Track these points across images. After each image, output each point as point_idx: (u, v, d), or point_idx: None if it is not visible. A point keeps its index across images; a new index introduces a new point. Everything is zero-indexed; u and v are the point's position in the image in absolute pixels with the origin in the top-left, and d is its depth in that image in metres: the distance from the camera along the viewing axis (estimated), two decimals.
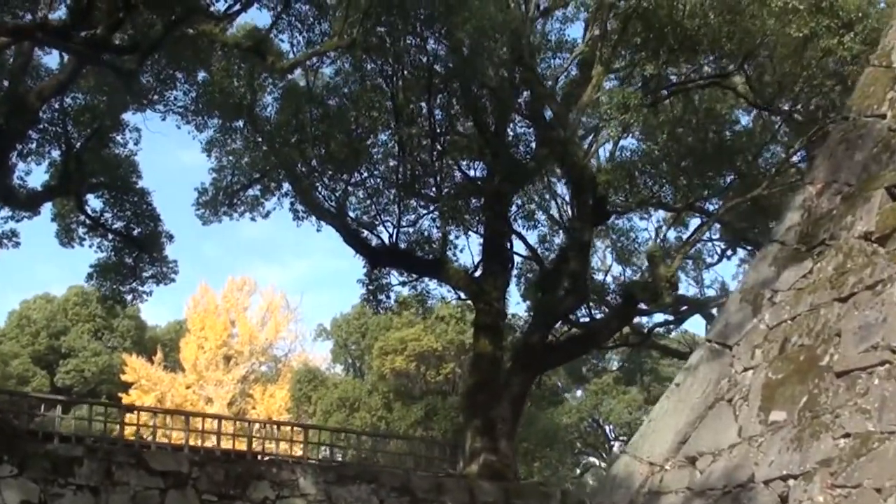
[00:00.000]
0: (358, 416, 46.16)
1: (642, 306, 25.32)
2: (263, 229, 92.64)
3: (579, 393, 57.15)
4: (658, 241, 26.02)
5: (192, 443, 21.09)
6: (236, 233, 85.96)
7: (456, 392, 46.93)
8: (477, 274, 25.59)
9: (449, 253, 26.24)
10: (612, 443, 60.77)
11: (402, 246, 26.33)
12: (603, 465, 60.90)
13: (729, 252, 32.13)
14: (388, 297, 29.92)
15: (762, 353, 9.69)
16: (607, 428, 59.86)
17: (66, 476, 17.82)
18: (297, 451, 22.92)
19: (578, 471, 59.69)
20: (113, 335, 58.49)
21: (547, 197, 28.39)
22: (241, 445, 22.00)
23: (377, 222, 26.71)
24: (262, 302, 60.39)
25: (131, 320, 59.56)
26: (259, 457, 21.83)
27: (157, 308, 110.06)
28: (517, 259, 27.71)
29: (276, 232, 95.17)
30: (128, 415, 21.79)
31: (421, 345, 45.50)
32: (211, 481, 18.94)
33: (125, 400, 48.74)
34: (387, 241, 26.17)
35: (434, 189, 26.42)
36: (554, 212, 28.32)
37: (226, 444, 21.83)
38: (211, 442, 21.69)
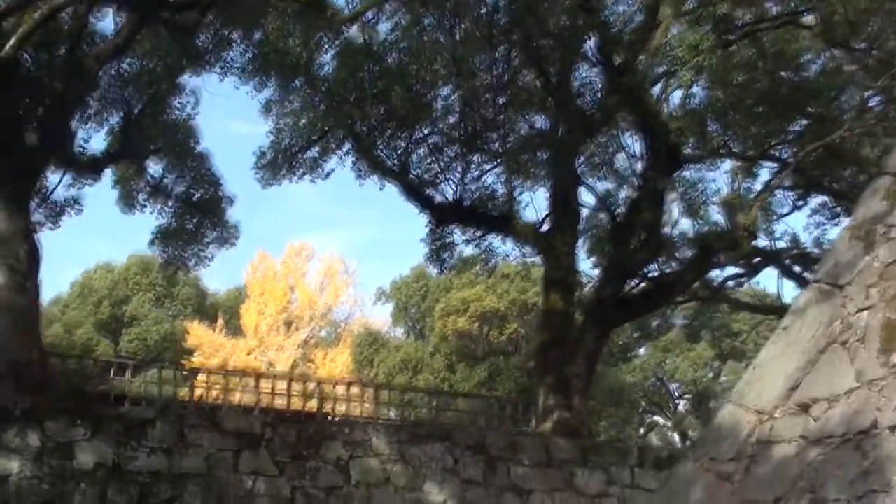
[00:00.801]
0: (421, 377, 45.92)
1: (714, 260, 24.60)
2: (307, 201, 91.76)
3: (642, 350, 56.45)
4: (734, 189, 25.07)
5: (262, 404, 20.88)
6: (279, 205, 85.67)
7: (519, 352, 46.52)
8: (545, 229, 25.00)
9: (515, 209, 25.67)
10: (677, 401, 60.18)
11: (467, 203, 25.78)
12: (668, 423, 60.35)
13: (801, 202, 31.17)
14: (451, 256, 29.52)
15: (878, 292, 9.02)
16: (672, 386, 59.21)
17: (139, 438, 17.68)
18: (367, 411, 22.57)
19: (643, 430, 59.11)
20: (174, 303, 58.81)
21: (616, 147, 27.56)
22: (311, 407, 21.71)
23: (440, 179, 26.19)
24: (320, 267, 60.40)
25: (191, 288, 59.82)
26: (330, 417, 21.56)
27: (215, 276, 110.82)
28: (584, 213, 27.06)
29: (320, 203, 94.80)
30: (198, 377, 21.43)
31: (483, 305, 45.07)
32: (283, 442, 18.70)
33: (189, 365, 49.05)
34: (451, 197, 25.64)
35: (498, 143, 25.81)
36: (622, 164, 27.56)
37: (296, 406, 21.49)
38: (281, 403, 21.37)
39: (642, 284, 25.88)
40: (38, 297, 19.51)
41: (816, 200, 31.31)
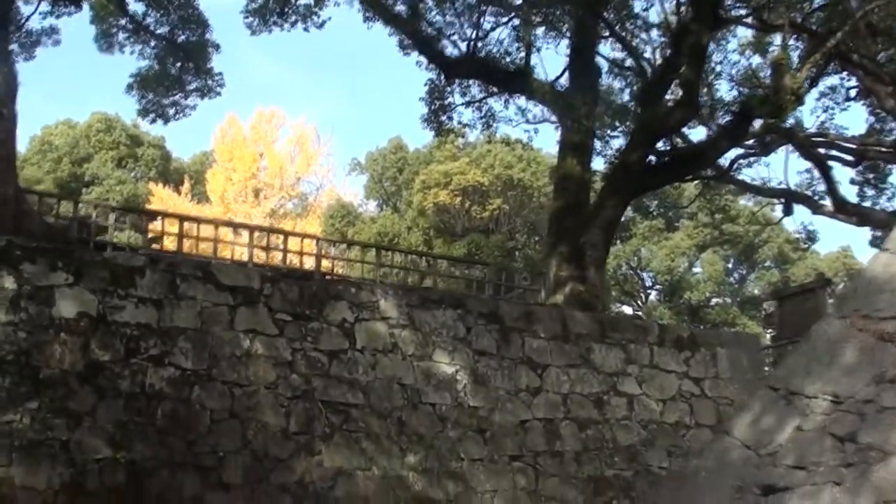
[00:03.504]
0: (390, 258, 44.17)
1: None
2: (275, 74, 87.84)
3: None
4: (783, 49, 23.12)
5: (256, 260, 19.08)
6: (245, 75, 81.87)
7: (500, 230, 45.02)
8: (563, 89, 23.06)
9: (531, 66, 23.65)
10: (649, 291, 59.18)
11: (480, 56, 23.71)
12: (639, 314, 59.37)
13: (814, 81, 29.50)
14: (450, 118, 27.68)
15: None
16: (644, 276, 58.12)
17: (127, 287, 15.80)
18: (367, 274, 20.87)
19: None
20: (137, 164, 56.23)
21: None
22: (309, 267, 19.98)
23: (451, 30, 24.07)
24: (291, 135, 57.87)
25: (156, 149, 57.30)
26: (328, 277, 19.83)
27: (181, 141, 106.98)
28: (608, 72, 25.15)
29: (287, 76, 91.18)
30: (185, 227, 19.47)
31: (466, 179, 43.34)
32: (284, 299, 16.94)
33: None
34: (463, 50, 23.55)
35: None
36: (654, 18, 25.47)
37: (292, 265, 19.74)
38: (276, 260, 19.60)
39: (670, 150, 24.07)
40: (15, 127, 17.32)
41: (826, 83, 29.82)
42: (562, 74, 23.39)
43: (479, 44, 24.36)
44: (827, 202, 30.73)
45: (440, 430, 17.33)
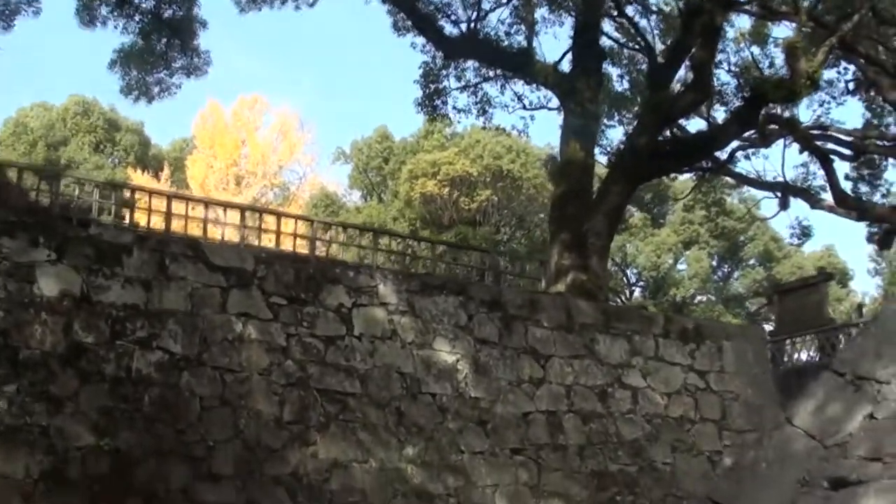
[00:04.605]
0: (382, 242, 43.30)
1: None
2: (249, 66, 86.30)
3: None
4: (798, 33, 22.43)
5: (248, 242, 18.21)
6: (218, 66, 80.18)
7: (487, 222, 44.29)
8: (566, 71, 22.32)
9: (533, 47, 22.88)
10: (633, 288, 58.53)
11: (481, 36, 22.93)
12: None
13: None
14: (444, 102, 26.96)
15: None
16: (628, 272, 57.48)
17: (113, 266, 14.88)
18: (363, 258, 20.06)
19: None
20: (115, 149, 55.13)
21: None
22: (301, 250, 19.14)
23: (451, 9, 23.27)
24: (274, 122, 56.73)
25: (135, 135, 56.23)
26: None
27: (159, 127, 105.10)
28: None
29: (261, 68, 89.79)
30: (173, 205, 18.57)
31: (454, 169, 42.51)
32: (279, 282, 16.08)
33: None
34: (463, 30, 22.75)
35: None
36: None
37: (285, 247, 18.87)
38: (269, 242, 18.74)
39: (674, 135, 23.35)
40: None
41: (824, 77, 29.23)
42: (563, 57, 22.67)
43: (479, 24, 23.61)
44: (825, 196, 30.20)
45: (440, 422, 16.53)
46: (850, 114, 71.91)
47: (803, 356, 27.35)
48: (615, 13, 23.43)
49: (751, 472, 7.59)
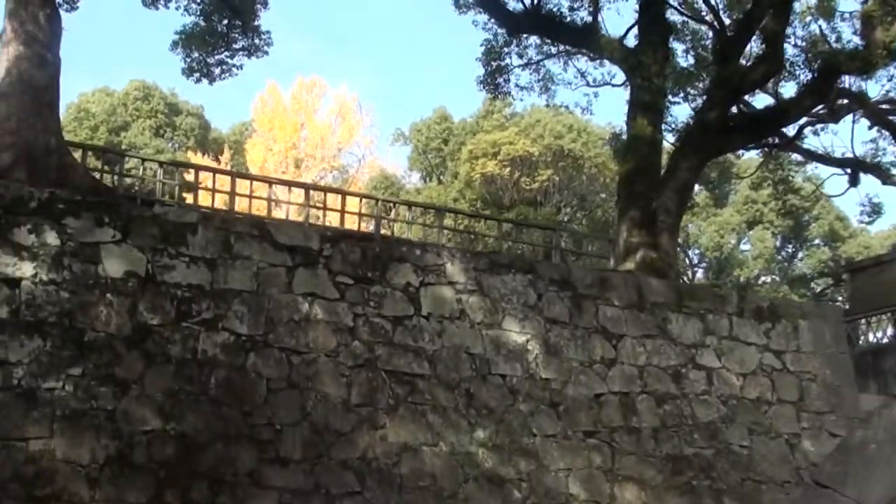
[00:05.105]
0: (446, 222, 43.01)
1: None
2: (303, 50, 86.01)
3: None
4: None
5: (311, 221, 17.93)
6: (279, 46, 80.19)
7: (548, 203, 43.71)
8: (633, 45, 21.70)
9: (598, 21, 22.32)
10: (696, 269, 57.56)
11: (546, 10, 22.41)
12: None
13: None
14: (506, 80, 26.53)
15: None
16: (690, 252, 56.53)
17: (178, 246, 14.66)
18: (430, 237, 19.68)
19: None
20: (176, 133, 55.29)
21: None
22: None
23: None
24: (332, 105, 56.53)
25: (195, 118, 56.30)
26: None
27: (218, 111, 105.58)
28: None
29: (316, 53, 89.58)
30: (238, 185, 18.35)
31: (515, 148, 41.93)
32: (345, 261, 15.75)
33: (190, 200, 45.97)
34: (528, 5, 22.22)
35: None
36: None
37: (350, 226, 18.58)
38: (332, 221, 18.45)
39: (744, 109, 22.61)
40: (59, 72, 16.20)
41: None
42: (628, 32, 22.09)
43: (542, 0, 23.08)
44: None
45: (511, 404, 16.13)
46: None
47: (879, 335, 26.55)
48: None
49: (858, 452, 7.08)
